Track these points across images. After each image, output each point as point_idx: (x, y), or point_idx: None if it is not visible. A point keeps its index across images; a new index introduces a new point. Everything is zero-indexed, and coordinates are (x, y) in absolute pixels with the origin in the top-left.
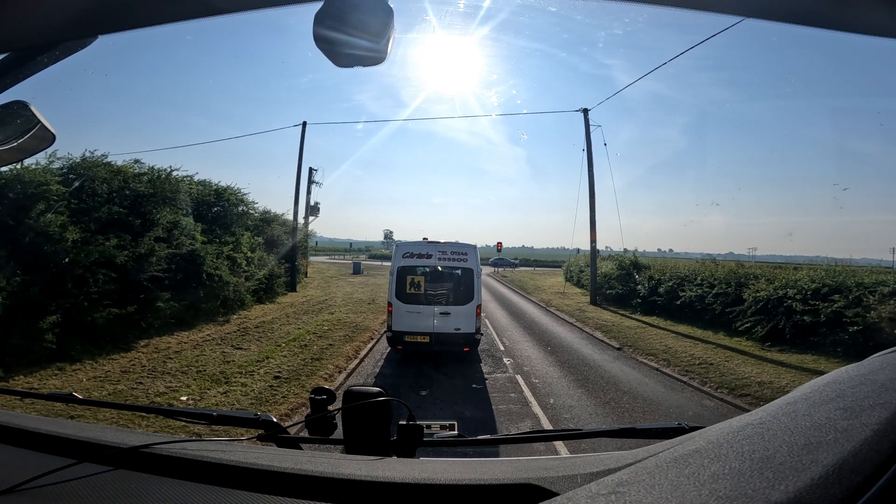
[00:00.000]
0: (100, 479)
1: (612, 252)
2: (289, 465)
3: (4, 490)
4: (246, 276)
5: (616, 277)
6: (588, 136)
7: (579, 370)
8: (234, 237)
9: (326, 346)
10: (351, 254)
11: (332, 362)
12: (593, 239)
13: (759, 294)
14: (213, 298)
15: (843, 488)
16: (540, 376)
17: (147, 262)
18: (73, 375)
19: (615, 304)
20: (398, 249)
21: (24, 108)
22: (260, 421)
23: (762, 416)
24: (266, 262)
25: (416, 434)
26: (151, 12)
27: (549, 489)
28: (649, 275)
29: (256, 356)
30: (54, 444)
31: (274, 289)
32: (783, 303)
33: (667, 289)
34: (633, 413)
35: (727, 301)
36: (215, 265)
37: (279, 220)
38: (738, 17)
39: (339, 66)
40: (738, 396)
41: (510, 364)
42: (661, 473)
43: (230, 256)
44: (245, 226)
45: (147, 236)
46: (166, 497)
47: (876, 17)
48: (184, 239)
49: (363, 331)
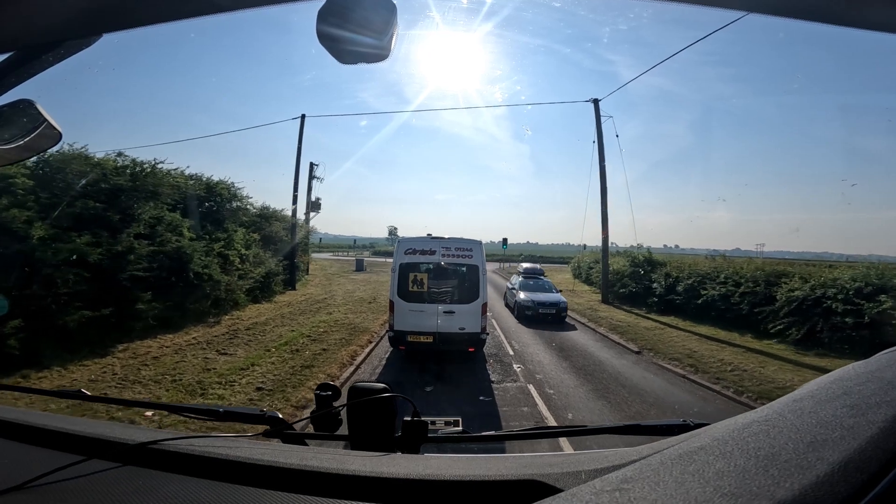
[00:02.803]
0: (108, 476)
1: (618, 248)
2: (294, 461)
3: (14, 487)
4: (240, 274)
5: (629, 275)
6: (599, 127)
7: (597, 378)
8: (227, 234)
9: (320, 352)
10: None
11: (323, 370)
12: (605, 234)
13: (793, 294)
14: (203, 298)
15: (849, 486)
16: (554, 385)
17: (125, 260)
18: (36, 384)
19: (628, 302)
20: (400, 245)
21: (30, 106)
22: (266, 417)
23: (768, 414)
24: (262, 260)
25: (421, 430)
26: (155, 10)
27: (553, 485)
28: (666, 272)
29: (241, 362)
30: (62, 440)
31: (271, 287)
32: (821, 303)
33: (686, 287)
34: None
35: (755, 301)
36: (204, 263)
37: (278, 216)
38: (742, 11)
39: (343, 63)
40: None
41: (521, 371)
42: (665, 470)
43: (222, 254)
44: (240, 222)
45: (126, 233)
46: (174, 493)
47: (883, 13)
48: (168, 235)
49: (361, 333)
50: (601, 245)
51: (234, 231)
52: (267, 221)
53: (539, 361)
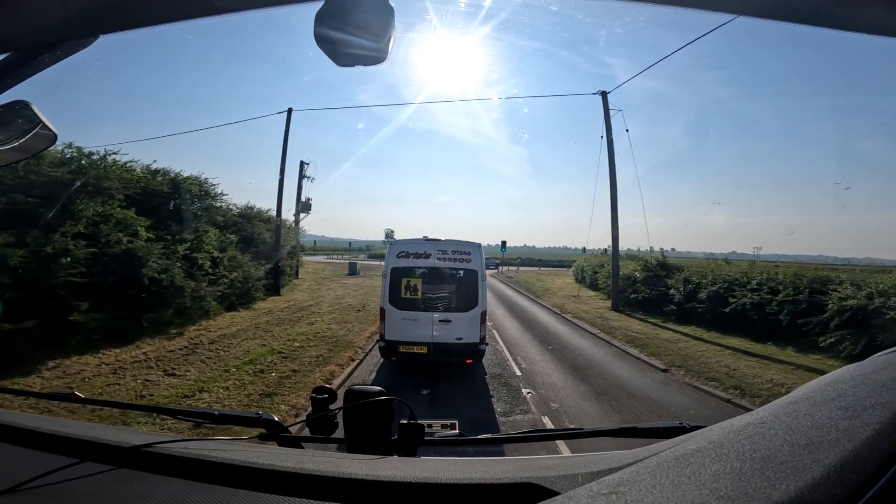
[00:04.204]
0: (102, 479)
1: (625, 252)
2: (290, 465)
3: (6, 490)
4: (211, 279)
5: (642, 280)
6: (608, 121)
7: (624, 405)
8: (197, 234)
9: (288, 373)
10: (350, 253)
11: (287, 400)
12: (615, 234)
13: (846, 303)
14: (163, 307)
15: (845, 488)
16: (574, 417)
17: (57, 264)
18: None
19: (641, 309)
20: (392, 248)
21: (25, 107)
22: (261, 420)
23: (763, 416)
24: (240, 263)
25: (418, 433)
26: (152, 12)
27: (549, 488)
28: (684, 277)
29: (188, 387)
30: (56, 443)
31: (251, 293)
32: (882, 314)
33: (710, 294)
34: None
35: (797, 310)
36: (162, 267)
37: (262, 216)
38: (734, 14)
39: (341, 65)
40: None
41: (531, 398)
42: (661, 473)
43: (189, 257)
44: (214, 222)
45: (60, 232)
46: (168, 496)
47: (876, 16)
48: (118, 236)
49: (344, 348)
50: (610, 247)
51: (205, 232)
52: (249, 222)
53: (552, 384)
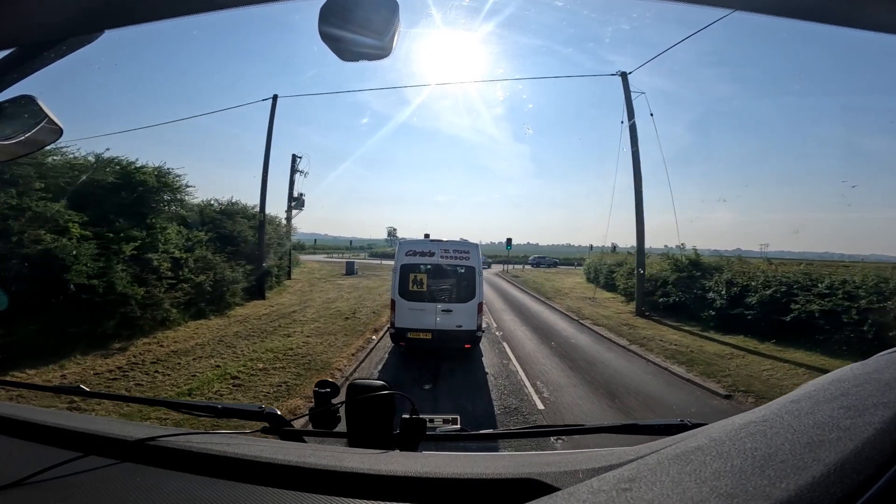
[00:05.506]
0: (106, 473)
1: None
2: (292, 458)
3: (11, 483)
4: (170, 283)
5: (673, 281)
6: (629, 105)
7: None
8: (151, 232)
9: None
10: (352, 252)
11: None
12: (640, 229)
13: None
14: (101, 318)
15: (845, 487)
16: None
17: None
18: None
19: (670, 315)
20: (402, 247)
21: (31, 102)
22: (264, 414)
23: (765, 414)
24: (212, 265)
25: (419, 428)
26: (157, 7)
27: (550, 484)
28: (727, 279)
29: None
30: (60, 437)
31: (225, 298)
32: None
33: (762, 299)
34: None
35: (886, 320)
36: (96, 270)
37: (247, 212)
38: (740, 10)
39: (344, 60)
40: None
41: (562, 447)
42: (662, 470)
43: (139, 257)
44: (178, 217)
45: None
46: (172, 490)
47: (884, 13)
48: (35, 233)
49: (317, 373)
50: (635, 244)
51: (162, 229)
52: (230, 219)
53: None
